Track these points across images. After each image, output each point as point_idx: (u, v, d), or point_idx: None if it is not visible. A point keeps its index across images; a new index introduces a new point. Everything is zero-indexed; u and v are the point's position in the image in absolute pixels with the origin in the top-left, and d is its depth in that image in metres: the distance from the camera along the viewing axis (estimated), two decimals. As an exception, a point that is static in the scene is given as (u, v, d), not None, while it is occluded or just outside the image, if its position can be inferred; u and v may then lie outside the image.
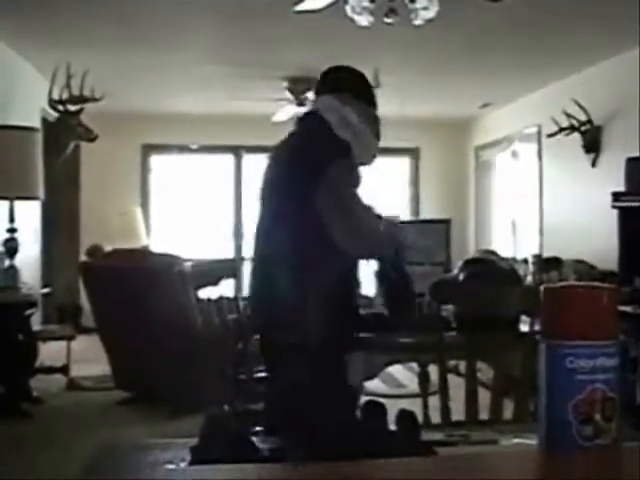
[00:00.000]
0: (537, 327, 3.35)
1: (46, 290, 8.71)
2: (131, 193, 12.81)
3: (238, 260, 12.04)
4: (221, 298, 4.85)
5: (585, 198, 9.25)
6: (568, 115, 9.06)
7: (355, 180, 3.44)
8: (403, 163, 13.79)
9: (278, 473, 1.46)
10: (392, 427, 1.80)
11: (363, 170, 3.54)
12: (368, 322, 4.45)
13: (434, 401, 3.61)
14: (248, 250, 3.95)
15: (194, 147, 13.22)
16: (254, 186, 3.71)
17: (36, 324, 8.10)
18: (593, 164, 9.11)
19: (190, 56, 8.78)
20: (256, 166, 3.79)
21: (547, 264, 8.70)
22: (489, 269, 5.08)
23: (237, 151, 13.12)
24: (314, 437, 1.64)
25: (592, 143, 9.02)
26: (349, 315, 3.60)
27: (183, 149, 13.18)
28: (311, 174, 3.32)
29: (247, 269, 3.86)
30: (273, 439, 1.78)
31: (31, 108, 9.06)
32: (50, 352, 8.08)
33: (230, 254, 12.72)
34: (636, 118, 7.78)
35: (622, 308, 5.45)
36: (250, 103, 10.66)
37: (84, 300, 8.58)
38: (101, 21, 7.39)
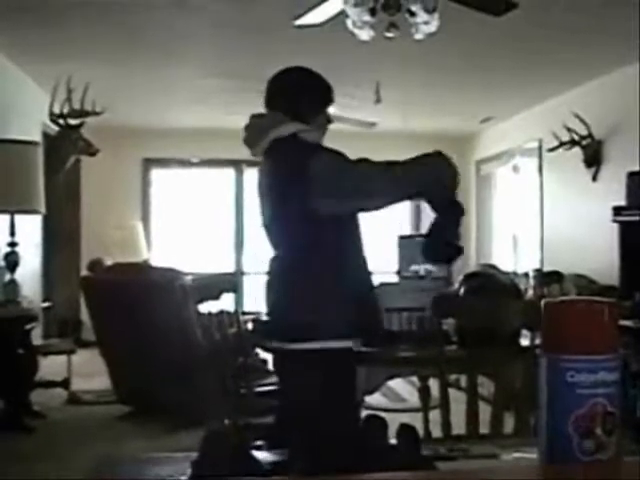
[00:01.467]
0: (538, 341, 3.35)
1: (47, 304, 8.72)
2: (132, 207, 12.82)
3: (239, 274, 12.05)
4: (222, 312, 4.85)
5: (586, 212, 9.24)
6: (569, 129, 9.07)
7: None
8: (404, 177, 13.77)
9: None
10: (393, 441, 1.80)
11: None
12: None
13: (435, 415, 3.60)
14: (249, 264, 3.96)
15: (195, 161, 13.23)
16: (255, 200, 3.72)
17: (37, 338, 8.10)
18: (594, 178, 9.11)
19: (191, 70, 8.79)
20: (257, 180, 3.77)
21: (548, 278, 8.70)
22: (490, 283, 5.08)
23: (238, 165, 13.12)
24: (315, 450, 1.64)
25: (593, 157, 9.02)
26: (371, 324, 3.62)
27: (184, 163, 13.20)
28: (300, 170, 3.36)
29: (248, 283, 3.87)
30: (274, 452, 1.78)
31: (32, 122, 9.07)
32: (51, 366, 8.07)
33: (231, 268, 12.72)
34: (637, 132, 7.79)
35: (623, 322, 5.45)
36: (251, 117, 10.67)
37: (85, 314, 8.57)
38: (102, 35, 7.41)
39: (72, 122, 8.89)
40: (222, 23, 7.03)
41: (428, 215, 3.69)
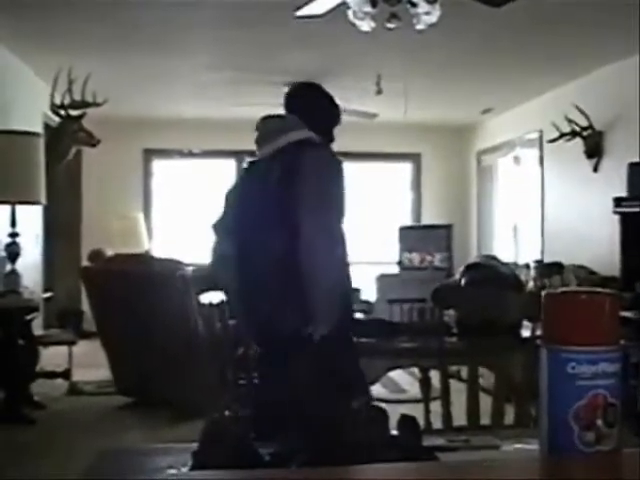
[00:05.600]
0: (538, 332, 3.35)
1: (47, 295, 8.72)
2: (133, 198, 12.81)
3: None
4: (222, 303, 4.85)
5: (587, 203, 9.24)
6: (570, 120, 9.06)
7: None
8: (405, 168, 13.77)
9: (279, 478, 1.46)
10: (393, 432, 1.80)
11: (363, 175, 3.58)
12: (369, 327, 4.46)
13: (435, 406, 3.61)
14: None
15: (195, 152, 13.22)
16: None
17: (37, 329, 8.10)
18: (595, 169, 9.10)
19: (192, 61, 8.78)
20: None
21: (548, 269, 8.70)
22: (491, 274, 5.08)
23: (239, 156, 13.09)
24: (315, 441, 1.64)
25: (594, 148, 9.01)
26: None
27: (184, 154, 13.18)
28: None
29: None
30: (274, 444, 1.78)
31: (33, 113, 9.06)
32: (51, 357, 8.07)
33: (232, 259, 12.68)
34: (637, 123, 7.78)
35: (623, 314, 5.46)
36: (252, 108, 10.64)
37: (85, 305, 8.58)
38: (103, 26, 7.40)
39: (73, 113, 8.88)
40: (223, 14, 7.02)
41: (428, 206, 3.73)
